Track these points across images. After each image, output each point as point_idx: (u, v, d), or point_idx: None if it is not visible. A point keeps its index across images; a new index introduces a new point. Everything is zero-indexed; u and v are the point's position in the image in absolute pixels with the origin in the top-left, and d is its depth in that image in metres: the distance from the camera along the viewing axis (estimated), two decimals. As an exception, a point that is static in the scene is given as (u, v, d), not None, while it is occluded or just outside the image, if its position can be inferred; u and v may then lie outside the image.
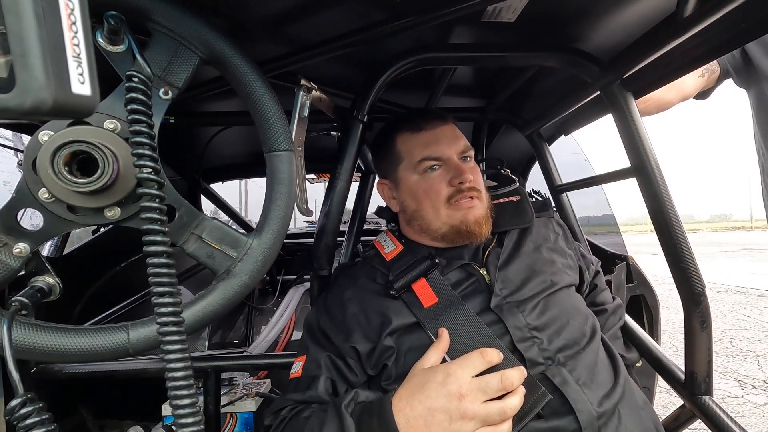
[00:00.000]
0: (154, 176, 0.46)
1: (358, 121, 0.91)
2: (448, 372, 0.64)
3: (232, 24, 0.72)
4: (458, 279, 0.84)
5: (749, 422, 2.66)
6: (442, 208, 0.86)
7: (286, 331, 1.95)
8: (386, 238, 0.96)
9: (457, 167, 0.86)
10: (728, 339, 4.50)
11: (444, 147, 0.87)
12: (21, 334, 0.48)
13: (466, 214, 0.85)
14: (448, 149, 0.88)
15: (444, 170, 0.87)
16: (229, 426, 1.36)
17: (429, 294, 0.80)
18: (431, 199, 0.87)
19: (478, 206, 0.86)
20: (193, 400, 0.44)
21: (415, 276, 0.82)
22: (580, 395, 0.69)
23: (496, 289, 0.81)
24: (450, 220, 0.86)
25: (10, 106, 0.27)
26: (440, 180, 0.87)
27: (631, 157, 0.89)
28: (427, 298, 0.79)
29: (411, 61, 0.85)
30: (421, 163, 0.87)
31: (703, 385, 0.88)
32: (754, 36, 0.66)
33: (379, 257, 0.92)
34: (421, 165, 0.87)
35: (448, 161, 0.87)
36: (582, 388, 0.70)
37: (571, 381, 0.70)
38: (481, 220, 0.86)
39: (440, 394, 0.62)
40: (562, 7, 0.74)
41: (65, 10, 0.28)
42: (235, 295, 0.56)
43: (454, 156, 0.88)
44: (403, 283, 0.82)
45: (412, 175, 0.89)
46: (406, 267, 0.84)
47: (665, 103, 1.39)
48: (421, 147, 0.88)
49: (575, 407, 0.67)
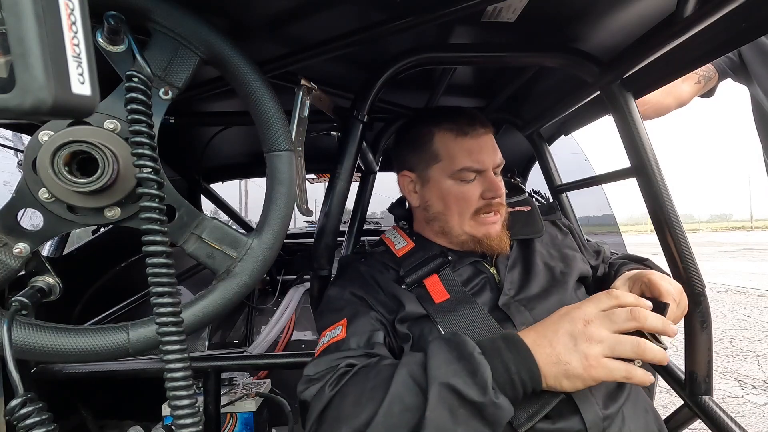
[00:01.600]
0: (154, 176, 0.46)
1: (358, 121, 0.91)
2: (573, 307, 0.63)
3: (232, 24, 0.72)
4: (468, 276, 0.85)
5: (749, 422, 2.66)
6: (468, 219, 0.86)
7: (286, 331, 1.95)
8: (396, 234, 0.95)
9: (492, 181, 0.85)
10: (728, 339, 4.50)
11: (486, 158, 0.85)
12: (21, 334, 0.48)
13: (489, 230, 0.85)
14: (489, 160, 0.86)
15: (479, 182, 0.85)
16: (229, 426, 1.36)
17: (440, 290, 0.80)
18: (460, 208, 0.85)
19: (498, 222, 0.87)
20: (192, 401, 0.44)
21: (427, 272, 0.82)
22: (586, 396, 0.69)
23: (505, 288, 0.81)
24: (473, 232, 0.86)
25: (10, 106, 0.27)
26: (474, 191, 0.85)
27: (631, 157, 0.89)
28: (438, 294, 0.79)
29: (411, 61, 0.85)
30: (461, 171, 0.84)
31: (703, 385, 0.88)
32: (754, 36, 0.66)
33: (389, 253, 0.91)
34: (461, 173, 0.85)
35: (485, 173, 0.85)
36: (589, 389, 0.69)
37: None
38: (502, 235, 0.87)
39: (565, 320, 0.61)
40: (562, 7, 0.74)
41: (65, 10, 0.28)
42: (235, 295, 0.56)
43: (491, 168, 0.86)
44: (414, 278, 0.82)
45: (447, 179, 0.86)
46: (417, 263, 0.84)
47: (663, 108, 1.40)
48: (464, 154, 0.85)
49: (581, 408, 0.67)
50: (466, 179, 0.85)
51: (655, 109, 1.39)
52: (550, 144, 1.48)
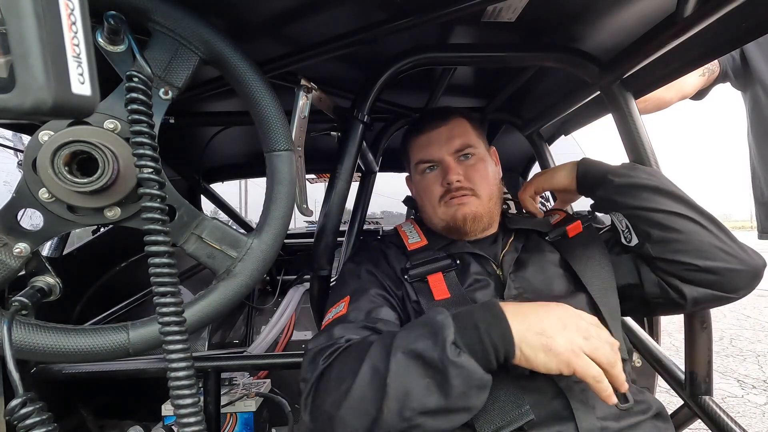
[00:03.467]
0: (154, 176, 0.46)
1: (358, 121, 0.91)
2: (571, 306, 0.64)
3: (232, 24, 0.72)
4: (475, 271, 0.85)
5: (749, 422, 2.66)
6: (438, 206, 0.91)
7: (286, 331, 1.95)
8: (411, 228, 0.98)
9: (447, 169, 0.89)
10: (728, 339, 4.50)
11: (435, 149, 0.91)
12: (21, 334, 0.48)
13: (456, 211, 0.88)
14: (439, 151, 0.91)
15: (439, 171, 0.92)
16: (229, 426, 1.36)
17: (442, 288, 0.81)
18: (429, 198, 0.92)
19: (472, 203, 0.88)
20: (195, 400, 0.44)
21: (433, 269, 0.84)
22: (583, 404, 0.68)
23: (509, 287, 0.81)
24: (444, 216, 0.90)
25: (10, 106, 0.27)
26: (434, 181, 0.92)
27: (631, 156, 0.89)
28: (439, 292, 0.80)
29: (411, 61, 0.85)
30: (418, 165, 0.94)
31: (703, 385, 0.88)
32: (754, 36, 0.66)
33: (402, 246, 0.93)
34: (418, 167, 0.94)
35: (441, 162, 0.91)
36: (588, 397, 0.68)
37: (575, 387, 0.69)
38: (474, 217, 0.87)
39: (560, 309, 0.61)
40: (562, 7, 0.74)
41: (65, 10, 0.28)
42: (235, 295, 0.56)
43: (447, 156, 0.90)
44: (418, 272, 0.84)
45: (416, 175, 0.96)
46: (426, 260, 0.86)
47: (664, 102, 1.39)
48: (418, 149, 0.94)
49: (576, 414, 0.66)
50: (425, 171, 0.93)
51: (656, 104, 1.39)
52: (550, 144, 1.48)
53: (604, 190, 0.82)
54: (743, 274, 0.74)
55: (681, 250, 0.75)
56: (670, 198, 0.77)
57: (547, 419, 0.67)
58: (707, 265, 0.74)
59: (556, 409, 0.67)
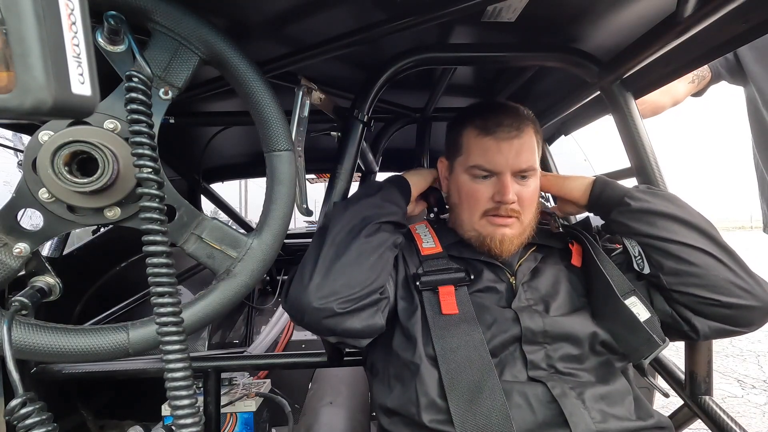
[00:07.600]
0: (154, 176, 0.46)
1: (358, 121, 0.91)
2: None
3: (232, 24, 0.72)
4: (488, 278, 0.83)
5: (749, 422, 2.66)
6: (478, 218, 0.85)
7: (286, 331, 1.95)
8: (426, 231, 0.92)
9: (504, 185, 0.82)
10: (728, 339, 4.50)
11: (501, 161, 0.82)
12: (21, 334, 0.48)
13: (496, 230, 0.83)
14: (504, 165, 0.82)
15: (493, 182, 0.84)
16: (229, 426, 1.36)
17: (452, 303, 0.78)
18: (471, 205, 0.85)
19: (514, 227, 0.83)
20: (192, 401, 0.44)
21: (445, 280, 0.81)
22: (578, 410, 0.67)
23: (518, 298, 0.80)
24: (482, 231, 0.84)
25: (10, 106, 0.27)
26: (485, 191, 0.84)
27: (631, 157, 0.89)
28: (448, 306, 0.78)
29: (411, 61, 0.85)
30: (473, 168, 0.85)
31: (703, 385, 0.88)
32: (754, 36, 0.66)
33: (416, 249, 0.89)
34: (472, 170, 0.85)
35: (500, 175, 0.83)
36: (583, 405, 0.68)
37: (570, 395, 0.69)
38: (509, 240, 0.83)
39: None
40: (562, 7, 0.74)
41: (65, 10, 0.28)
42: (235, 295, 0.56)
43: (508, 172, 0.82)
44: (430, 280, 0.81)
45: (463, 173, 0.87)
46: (439, 269, 0.83)
47: (659, 107, 1.42)
48: (480, 152, 0.84)
49: (570, 420, 0.66)
50: (478, 176, 0.84)
51: (652, 109, 1.40)
52: (550, 144, 1.48)
53: (618, 213, 0.80)
54: (758, 310, 0.73)
55: (695, 284, 0.73)
56: (686, 227, 0.75)
57: (541, 426, 0.67)
58: (721, 300, 0.72)
59: (549, 415, 0.67)
